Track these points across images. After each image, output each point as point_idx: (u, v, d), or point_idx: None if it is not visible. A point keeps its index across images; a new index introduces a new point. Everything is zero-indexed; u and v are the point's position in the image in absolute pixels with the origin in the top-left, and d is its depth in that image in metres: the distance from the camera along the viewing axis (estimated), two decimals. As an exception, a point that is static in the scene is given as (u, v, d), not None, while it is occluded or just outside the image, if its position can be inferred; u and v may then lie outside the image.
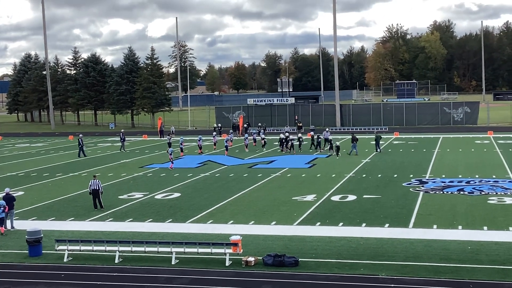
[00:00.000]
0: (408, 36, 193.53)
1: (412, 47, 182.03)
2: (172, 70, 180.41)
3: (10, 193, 22.91)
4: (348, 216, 22.40)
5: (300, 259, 16.72)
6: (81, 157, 45.14)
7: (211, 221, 22.40)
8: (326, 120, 70.25)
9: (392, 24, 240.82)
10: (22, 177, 35.82)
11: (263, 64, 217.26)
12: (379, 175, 31.92)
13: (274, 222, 21.85)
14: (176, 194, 28.10)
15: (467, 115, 67.61)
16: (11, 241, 20.24)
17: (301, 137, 46.61)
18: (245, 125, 62.96)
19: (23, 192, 29.90)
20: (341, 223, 21.29)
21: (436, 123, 67.72)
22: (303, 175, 32.86)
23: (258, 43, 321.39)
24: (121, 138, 49.78)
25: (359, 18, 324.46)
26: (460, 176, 30.95)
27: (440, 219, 21.47)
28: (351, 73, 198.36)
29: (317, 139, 45.20)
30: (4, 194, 22.90)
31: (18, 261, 17.98)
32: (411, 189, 27.49)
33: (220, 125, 66.04)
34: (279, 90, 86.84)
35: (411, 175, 31.49)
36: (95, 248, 17.91)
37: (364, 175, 32.14)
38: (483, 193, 26.01)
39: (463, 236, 19.07)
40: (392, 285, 14.85)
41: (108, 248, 17.76)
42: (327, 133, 46.46)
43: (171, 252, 17.36)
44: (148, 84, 79.61)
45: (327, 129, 48.64)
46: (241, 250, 17.22)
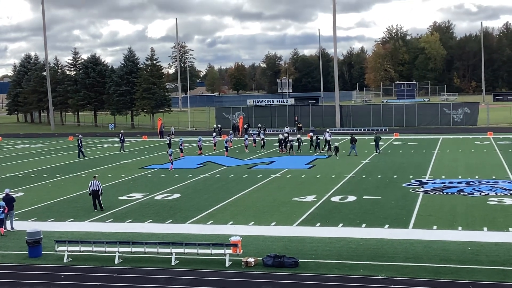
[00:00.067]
0: (408, 37, 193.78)
1: (412, 48, 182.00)
2: (172, 71, 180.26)
3: (10, 194, 22.90)
4: (348, 217, 22.40)
5: (300, 260, 16.72)
6: (81, 158, 45.16)
7: (211, 222, 22.40)
8: (326, 121, 70.16)
9: (391, 25, 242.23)
10: (22, 178, 35.81)
11: (263, 65, 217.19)
12: (379, 176, 31.92)
13: (274, 223, 21.85)
14: (176, 195, 28.09)
15: (467, 116, 67.59)
16: (11, 242, 20.23)
17: (300, 138, 46.59)
18: (245, 126, 62.97)
19: (23, 193, 29.89)
20: (341, 224, 21.30)
21: (436, 124, 67.72)
22: (303, 176, 32.85)
23: (258, 44, 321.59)
24: (120, 139, 49.75)
25: (359, 19, 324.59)
26: (460, 177, 30.95)
27: (440, 220, 21.47)
28: (351, 74, 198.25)
29: (316, 140, 45.19)
30: (4, 195, 22.90)
31: (18, 262, 17.97)
32: (411, 190, 27.48)
33: (220, 126, 66.00)
34: (279, 91, 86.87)
35: (411, 176, 31.49)
36: (95, 249, 17.90)
37: (364, 176, 32.14)
38: (483, 194, 26.01)
39: (463, 237, 19.07)
40: (392, 286, 14.85)
41: (108, 249, 17.75)
42: (328, 134, 46.31)
43: (171, 253, 17.35)
44: (148, 85, 79.66)
45: (328, 130, 48.44)
46: (241, 251, 17.22)
